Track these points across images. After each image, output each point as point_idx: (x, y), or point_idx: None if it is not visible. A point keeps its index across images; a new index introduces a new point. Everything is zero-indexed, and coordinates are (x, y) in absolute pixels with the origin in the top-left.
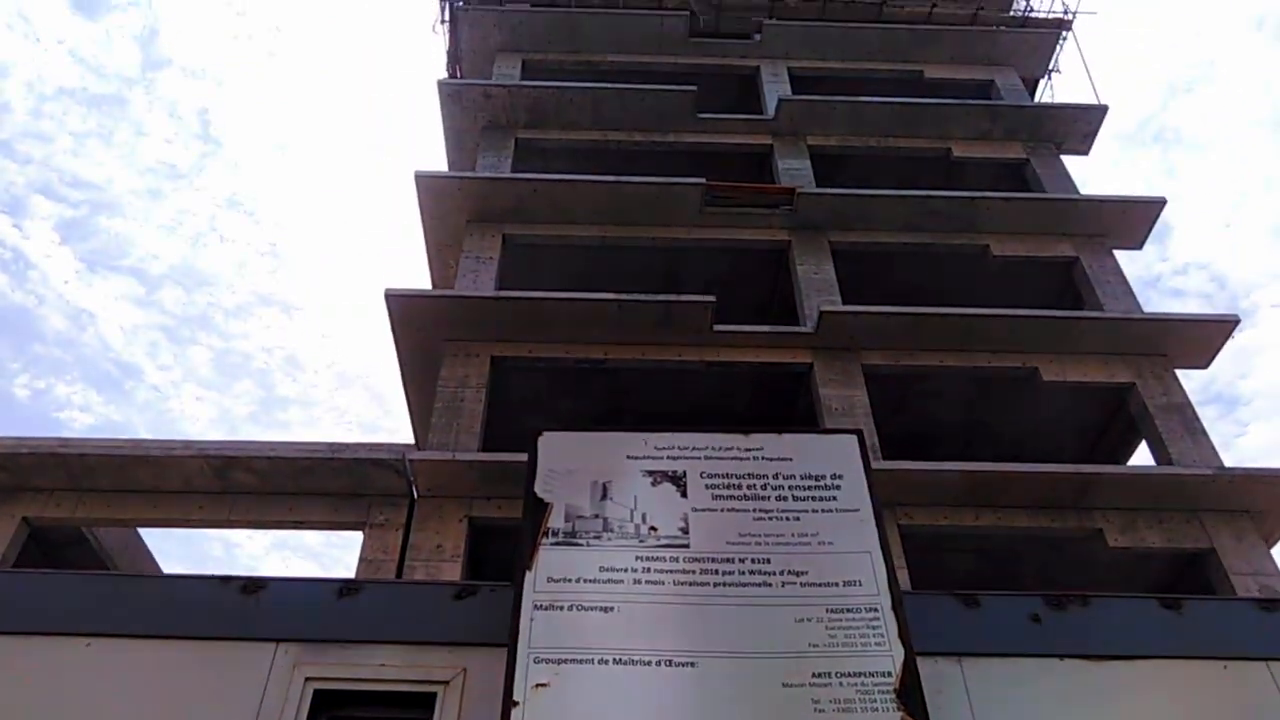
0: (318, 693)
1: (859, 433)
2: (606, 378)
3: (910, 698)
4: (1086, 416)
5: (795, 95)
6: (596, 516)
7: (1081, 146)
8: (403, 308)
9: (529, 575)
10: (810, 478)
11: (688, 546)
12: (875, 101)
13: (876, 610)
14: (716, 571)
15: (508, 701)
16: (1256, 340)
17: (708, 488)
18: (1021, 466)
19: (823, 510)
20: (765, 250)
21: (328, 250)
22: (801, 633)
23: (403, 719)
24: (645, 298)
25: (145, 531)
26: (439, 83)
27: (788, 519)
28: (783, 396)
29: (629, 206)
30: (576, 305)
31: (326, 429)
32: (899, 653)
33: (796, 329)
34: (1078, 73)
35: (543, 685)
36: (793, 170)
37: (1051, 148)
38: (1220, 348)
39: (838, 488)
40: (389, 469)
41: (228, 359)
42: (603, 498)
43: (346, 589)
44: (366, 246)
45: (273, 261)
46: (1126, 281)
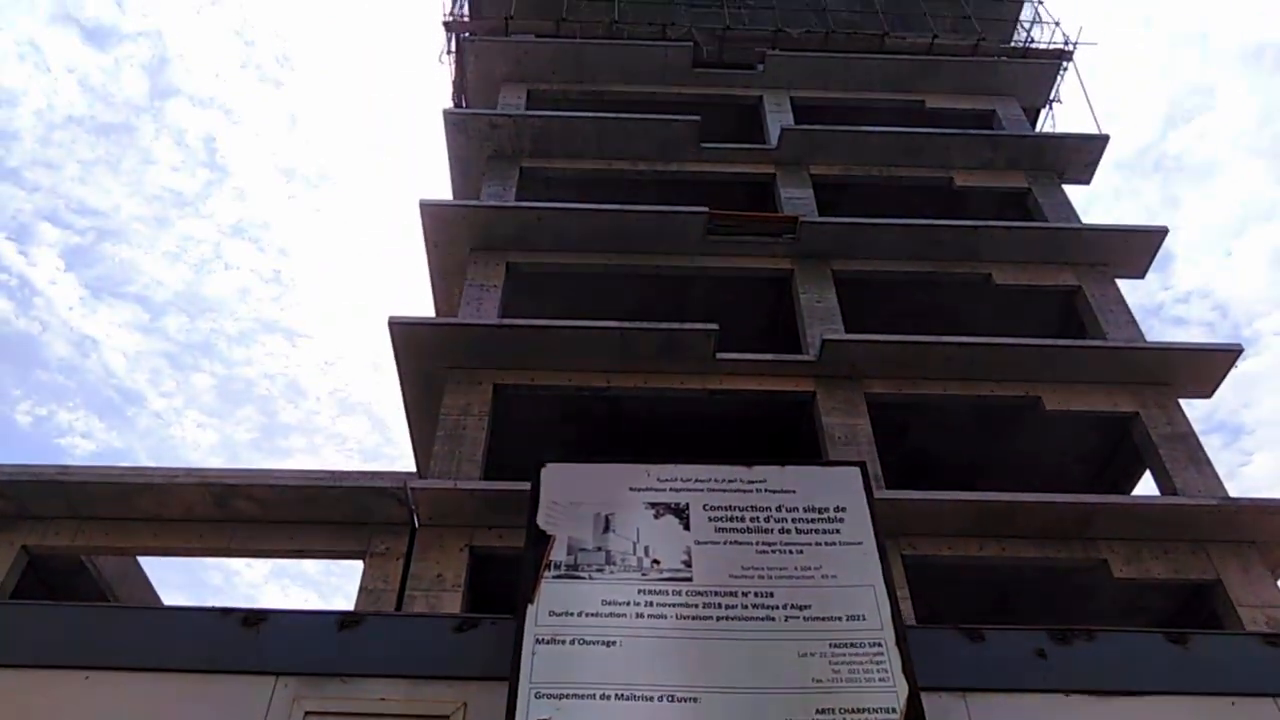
0: None
1: (862, 465)
2: (609, 405)
3: None
4: (1090, 446)
5: (798, 125)
6: (599, 549)
7: (1083, 175)
8: (406, 336)
9: (531, 608)
10: (813, 510)
11: (691, 580)
12: (877, 131)
13: (880, 645)
14: (719, 605)
15: None
16: (1260, 368)
17: (710, 520)
18: (1025, 496)
19: (826, 543)
20: (768, 279)
21: (332, 278)
22: (805, 668)
23: None
24: (648, 326)
25: (145, 559)
26: (444, 112)
27: (791, 552)
28: (785, 425)
29: (632, 235)
30: (580, 333)
31: (328, 456)
32: (903, 688)
33: (799, 357)
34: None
35: None
36: (795, 199)
37: (1053, 177)
38: (1224, 377)
39: (841, 520)
40: (390, 497)
41: (230, 386)
42: (605, 530)
43: (347, 621)
44: (370, 274)
45: (276, 288)
46: (1129, 310)
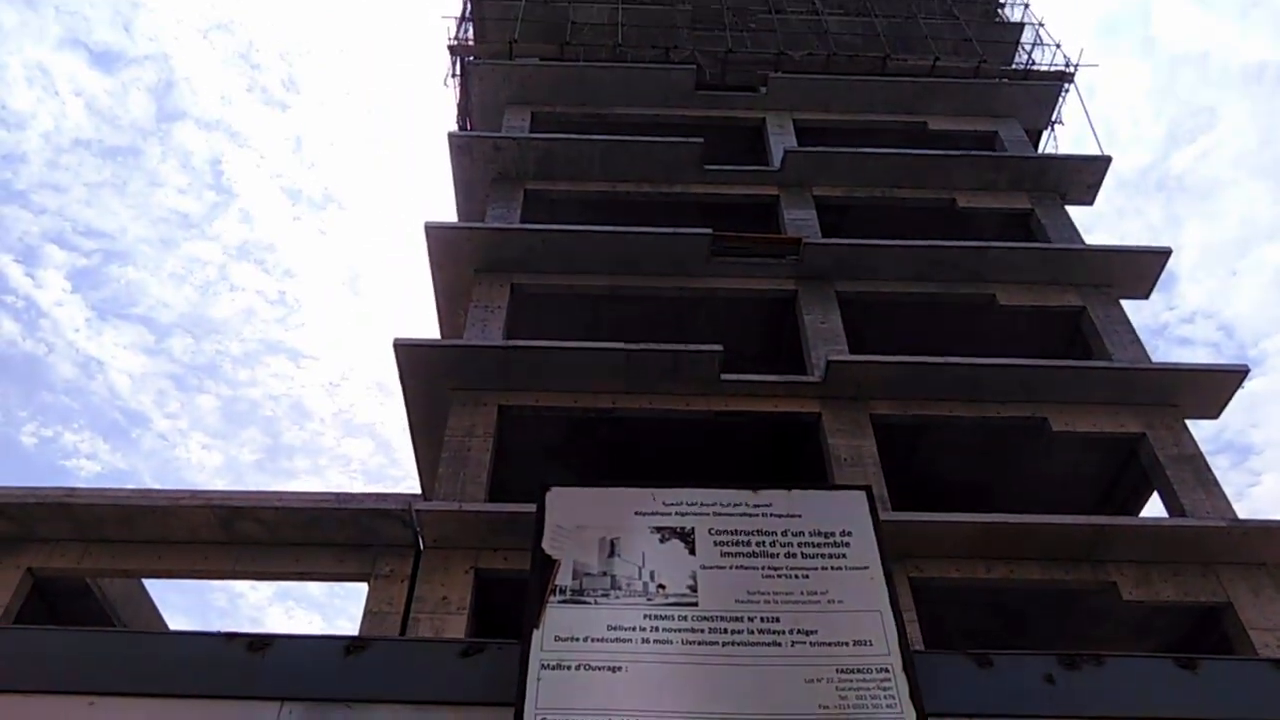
0: None
1: (868, 489)
2: (614, 427)
3: None
4: (1097, 467)
5: (801, 147)
6: (604, 574)
7: (1086, 196)
8: (411, 357)
9: (536, 634)
10: (819, 534)
11: (696, 605)
12: (880, 153)
13: (887, 671)
14: (725, 630)
15: None
16: (1266, 389)
17: (716, 545)
18: (1033, 518)
19: (832, 567)
20: (772, 300)
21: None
22: (811, 694)
23: None
24: (653, 347)
25: (149, 581)
26: (449, 135)
27: (797, 577)
28: (791, 446)
29: (637, 256)
30: (585, 355)
31: (332, 478)
32: (910, 714)
33: (804, 378)
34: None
35: None
36: (799, 220)
37: (1056, 198)
38: (1231, 397)
39: (847, 544)
40: (395, 519)
41: (235, 407)
42: (611, 555)
43: (352, 646)
44: (376, 296)
45: (282, 310)
46: (1134, 331)
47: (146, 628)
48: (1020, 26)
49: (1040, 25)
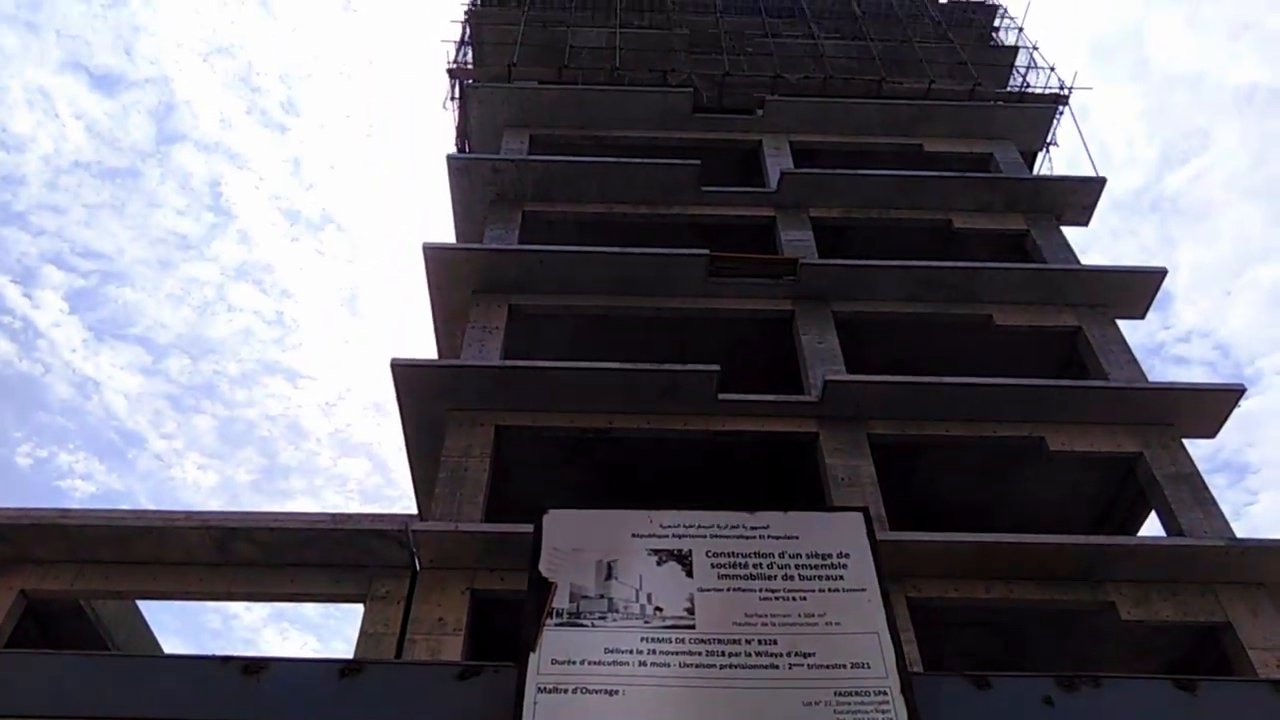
0: None
1: (865, 510)
2: (611, 447)
3: None
4: (1095, 486)
5: (797, 168)
6: (601, 597)
7: (1081, 218)
8: (408, 377)
9: (533, 657)
10: (816, 556)
11: (694, 627)
12: (876, 174)
13: (885, 694)
14: (723, 653)
15: None
16: (1263, 407)
17: (713, 567)
18: (1031, 537)
19: (829, 590)
20: (770, 320)
21: (334, 320)
22: (809, 717)
23: None
24: (650, 367)
25: (143, 603)
26: (448, 157)
27: (794, 599)
28: (788, 466)
29: (634, 277)
30: (582, 375)
31: (328, 498)
32: None
33: (801, 398)
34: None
35: None
36: (795, 241)
37: (1051, 219)
38: (1227, 416)
39: (844, 566)
40: (391, 540)
41: (231, 427)
42: (608, 577)
43: (348, 670)
44: (373, 316)
45: (279, 330)
46: (1130, 351)
47: (140, 650)
48: (1015, 50)
49: (1034, 49)
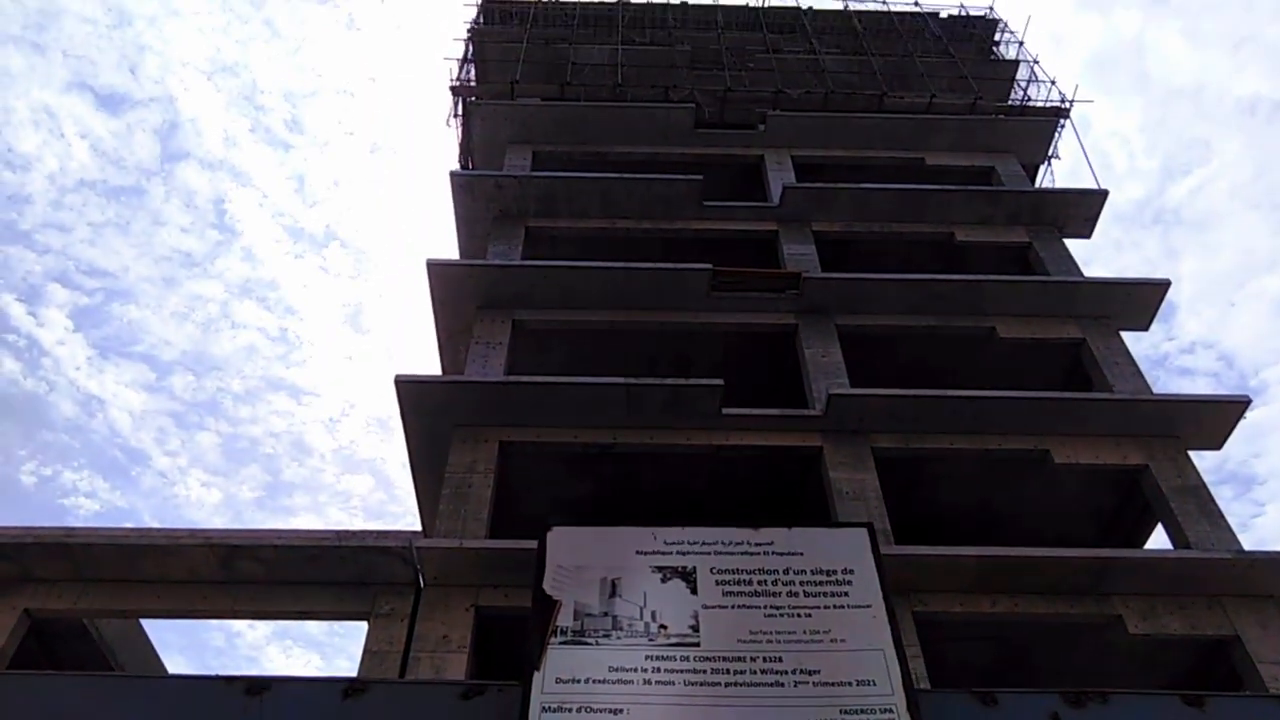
0: None
1: (869, 526)
2: (615, 461)
3: None
4: (1100, 499)
5: (799, 183)
6: (606, 614)
7: (1083, 230)
8: (412, 393)
9: (537, 675)
10: (821, 572)
11: (699, 645)
12: (878, 188)
13: (891, 711)
14: (728, 671)
15: None
16: (1268, 418)
17: (718, 584)
18: (1037, 551)
19: (835, 606)
20: (773, 334)
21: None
22: None
23: None
24: (654, 382)
25: (146, 621)
26: (452, 174)
27: (799, 616)
28: (792, 479)
29: (637, 292)
30: (585, 390)
31: (332, 515)
32: None
33: (805, 412)
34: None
35: None
36: (798, 255)
37: (1054, 231)
38: (1233, 428)
39: (849, 583)
40: (395, 557)
41: (235, 444)
42: (612, 595)
43: (352, 689)
44: (377, 332)
45: (283, 347)
46: (1135, 362)
47: (144, 668)
48: (1015, 64)
49: (1035, 62)
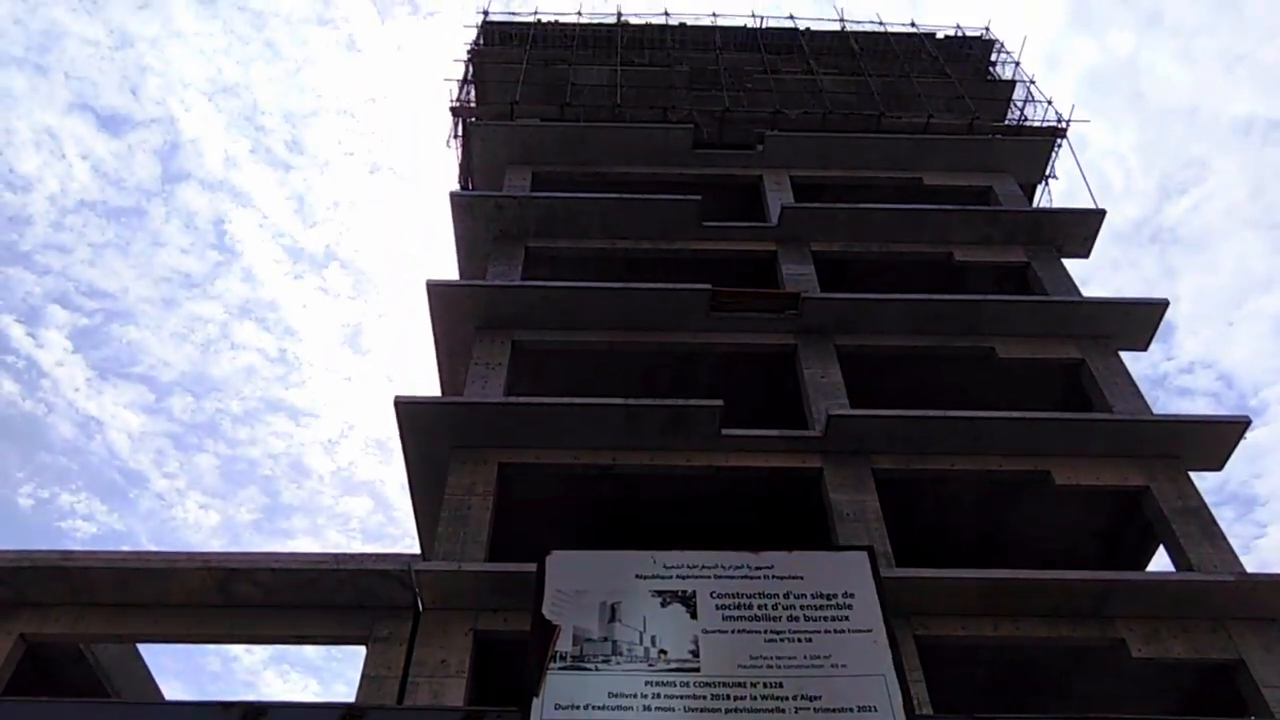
0: None
1: (870, 549)
2: (615, 483)
3: None
4: (1102, 520)
5: (798, 203)
6: (605, 639)
7: (1081, 249)
8: (411, 415)
9: (536, 701)
10: (821, 596)
11: (698, 670)
12: (877, 208)
13: None
14: (728, 696)
15: None
16: (1269, 439)
17: (718, 608)
18: (1039, 573)
19: (835, 630)
20: (772, 354)
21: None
22: None
23: None
24: (653, 402)
25: (143, 645)
26: (451, 194)
27: (800, 640)
28: (792, 500)
29: (637, 312)
30: (585, 410)
31: (330, 537)
32: None
33: (805, 433)
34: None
35: None
36: (797, 275)
37: (1052, 251)
38: (1234, 448)
39: (850, 607)
40: (394, 580)
41: (234, 466)
42: (611, 619)
43: (350, 714)
44: (377, 353)
45: (282, 368)
46: (1134, 382)
47: (140, 694)
48: (1011, 84)
49: (1031, 83)
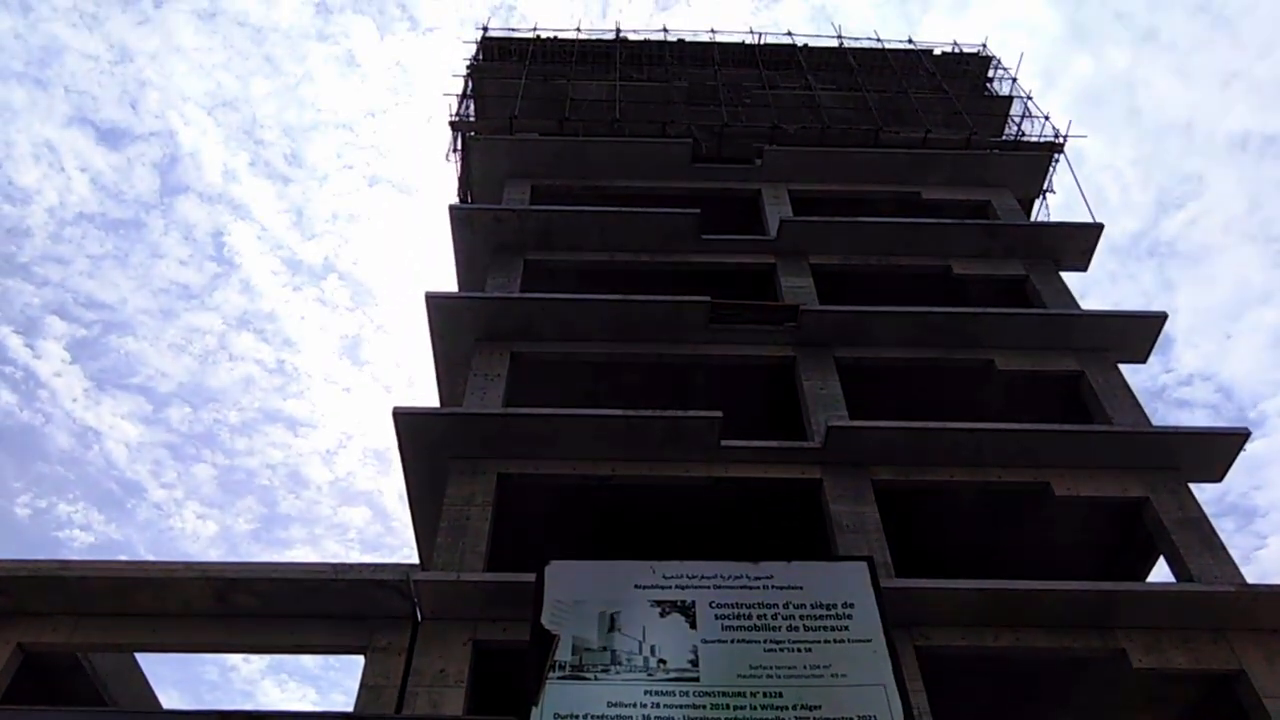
0: None
1: (869, 559)
2: (614, 494)
3: None
4: (1103, 531)
5: (796, 216)
6: (604, 649)
7: (1079, 262)
8: (410, 425)
9: (535, 711)
10: (821, 606)
11: (698, 680)
12: (875, 222)
13: None
14: (728, 706)
15: None
16: (1268, 450)
17: (717, 618)
18: (1039, 584)
19: (835, 640)
20: (772, 366)
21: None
22: None
23: None
24: (652, 414)
25: (141, 655)
26: (451, 207)
27: (799, 650)
28: (792, 512)
29: (635, 325)
30: (584, 422)
31: (328, 547)
32: None
33: (805, 444)
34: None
35: None
36: (796, 288)
37: (1050, 264)
38: (1233, 460)
39: (849, 617)
40: (392, 590)
41: (231, 476)
42: (610, 629)
43: None
44: (375, 364)
45: (280, 379)
46: (1133, 394)
47: (138, 703)
48: (1009, 99)
49: (1029, 98)
